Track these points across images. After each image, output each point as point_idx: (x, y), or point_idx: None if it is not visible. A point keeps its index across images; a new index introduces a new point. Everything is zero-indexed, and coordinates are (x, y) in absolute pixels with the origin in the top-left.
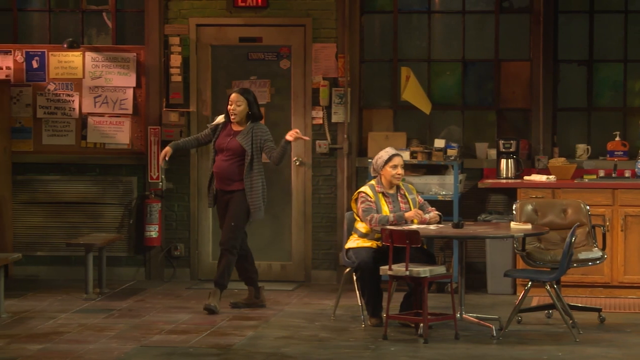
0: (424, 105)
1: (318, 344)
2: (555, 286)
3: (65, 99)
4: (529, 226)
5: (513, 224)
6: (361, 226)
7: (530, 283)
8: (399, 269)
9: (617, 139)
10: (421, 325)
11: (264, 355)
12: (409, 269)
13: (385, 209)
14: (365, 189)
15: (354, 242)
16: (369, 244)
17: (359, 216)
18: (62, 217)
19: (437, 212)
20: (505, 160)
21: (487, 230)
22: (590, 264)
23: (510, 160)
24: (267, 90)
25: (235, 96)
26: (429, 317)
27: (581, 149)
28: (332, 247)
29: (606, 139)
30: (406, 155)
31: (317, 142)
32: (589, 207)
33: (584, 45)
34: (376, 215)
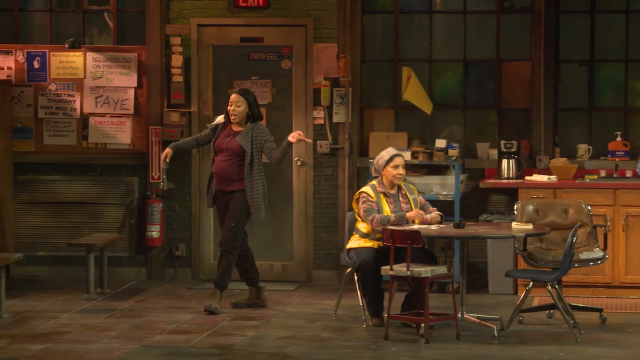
0: (425, 106)
1: (319, 344)
2: (557, 286)
3: (66, 99)
4: (530, 226)
5: (514, 224)
6: (362, 226)
7: (531, 283)
8: (400, 269)
9: (619, 139)
10: (422, 325)
11: (265, 356)
12: (410, 269)
13: (387, 209)
14: (367, 189)
15: (355, 242)
16: (370, 244)
17: (360, 216)
18: (64, 217)
19: (438, 212)
20: (506, 160)
21: (488, 231)
22: (591, 264)
23: (511, 161)
24: (268, 90)
25: (235, 97)
26: (430, 317)
27: (582, 149)
28: (334, 247)
29: (607, 139)
30: (407, 155)
31: (319, 142)
32: (590, 207)
33: (585, 45)
34: (377, 215)
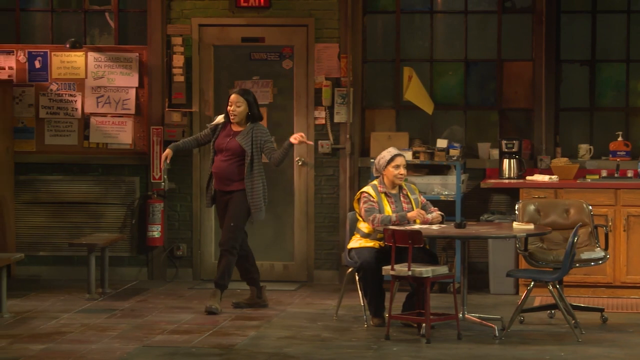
0: (427, 106)
1: (320, 344)
2: (558, 286)
3: (67, 99)
4: (531, 226)
5: (515, 224)
6: (363, 226)
7: (532, 283)
8: (402, 269)
9: (620, 139)
10: (423, 325)
11: (266, 355)
12: (412, 269)
13: (388, 209)
14: (368, 189)
15: (356, 242)
16: (371, 244)
17: (361, 216)
18: (65, 217)
19: (439, 212)
20: (507, 160)
21: (489, 230)
22: (592, 264)
23: (512, 160)
24: (269, 90)
25: (235, 97)
26: (431, 317)
27: (584, 149)
28: (335, 247)
29: (609, 139)
30: (409, 155)
31: (320, 142)
32: (591, 207)
33: (587, 45)
34: (379, 215)
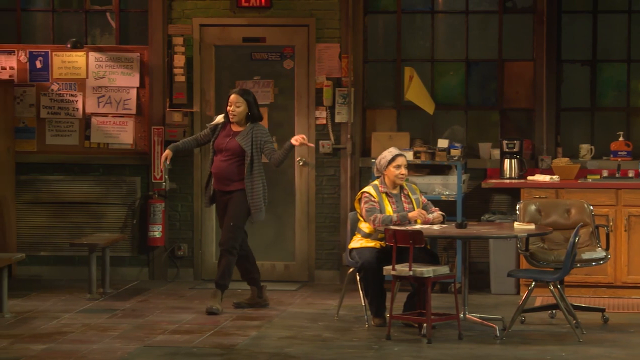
0: (428, 106)
1: (321, 344)
2: (559, 286)
3: (68, 99)
4: (532, 226)
5: (516, 224)
6: (364, 226)
7: (533, 283)
8: (403, 269)
9: (621, 139)
10: (424, 325)
11: (267, 355)
12: (413, 269)
13: (389, 209)
14: (369, 189)
15: (357, 242)
16: (372, 244)
17: (362, 216)
18: (66, 217)
19: (440, 212)
20: (508, 160)
21: (490, 231)
22: (593, 264)
23: (513, 160)
24: (270, 90)
25: (235, 97)
26: (432, 317)
27: (585, 149)
28: (336, 247)
29: (610, 139)
30: (409, 155)
31: (321, 142)
32: (592, 207)
33: (588, 45)
34: (379, 215)
